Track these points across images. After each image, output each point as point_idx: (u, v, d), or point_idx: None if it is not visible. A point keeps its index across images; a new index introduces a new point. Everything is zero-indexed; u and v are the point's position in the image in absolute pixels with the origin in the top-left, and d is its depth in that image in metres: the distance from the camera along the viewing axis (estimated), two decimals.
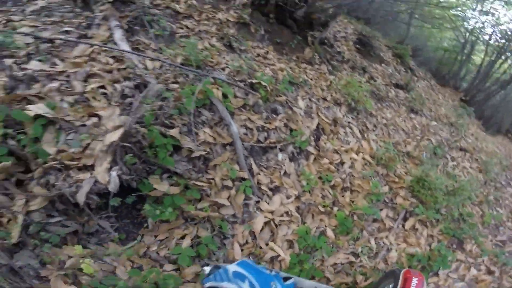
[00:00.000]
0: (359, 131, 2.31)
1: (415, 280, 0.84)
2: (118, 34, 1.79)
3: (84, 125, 1.23)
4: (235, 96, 1.82)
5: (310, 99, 2.31)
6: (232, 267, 0.59)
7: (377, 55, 4.12)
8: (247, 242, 1.40)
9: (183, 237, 1.26)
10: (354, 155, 2.05)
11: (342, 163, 1.98)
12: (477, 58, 6.83)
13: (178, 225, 1.31)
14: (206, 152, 1.50)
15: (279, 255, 1.41)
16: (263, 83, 1.86)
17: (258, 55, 2.33)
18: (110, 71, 1.55)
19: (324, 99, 2.40)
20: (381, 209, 1.93)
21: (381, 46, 4.70)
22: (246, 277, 0.57)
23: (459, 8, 6.23)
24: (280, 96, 2.03)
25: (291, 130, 1.93)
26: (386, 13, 5.65)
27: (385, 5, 5.39)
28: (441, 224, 2.04)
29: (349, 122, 2.31)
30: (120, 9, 2.06)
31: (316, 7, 2.85)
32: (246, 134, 1.75)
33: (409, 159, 2.34)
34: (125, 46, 1.71)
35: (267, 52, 2.43)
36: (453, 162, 2.83)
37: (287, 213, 1.61)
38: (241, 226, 1.43)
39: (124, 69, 1.60)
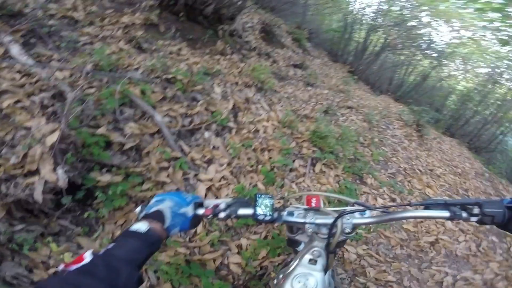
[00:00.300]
0: (267, 105, 2.85)
1: (313, 200, 1.01)
2: (15, 49, 1.82)
3: (13, 139, 1.34)
4: (153, 92, 2.07)
5: (225, 85, 2.72)
6: (155, 197, 0.70)
7: (278, 41, 4.80)
8: None
9: None
10: (265, 123, 2.56)
11: (257, 131, 2.47)
12: (358, 35, 8.40)
13: (131, 209, 1.51)
14: (136, 143, 1.72)
15: None
16: (178, 77, 2.16)
17: (171, 52, 2.59)
18: (22, 86, 1.62)
19: (236, 83, 2.85)
20: (293, 160, 2.49)
21: (282, 32, 5.44)
22: (165, 199, 0.68)
23: None
24: (197, 86, 2.36)
25: (212, 112, 2.30)
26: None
27: None
28: (341, 165, 2.74)
29: (258, 99, 2.82)
30: (10, 24, 2.02)
31: (223, 2, 3.21)
32: (171, 121, 2.03)
33: (307, 119, 3.01)
34: (27, 60, 1.76)
35: (180, 49, 2.71)
36: (342, 117, 3.69)
37: (223, 177, 1.99)
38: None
39: (36, 82, 1.68)
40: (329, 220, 0.68)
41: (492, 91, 8.31)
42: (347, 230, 0.69)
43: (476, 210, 0.59)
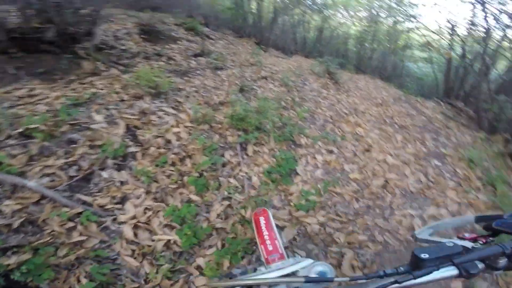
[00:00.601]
0: (172, 108, 2.53)
1: (262, 220, 0.88)
2: None
3: None
4: (13, 156, 1.61)
5: (107, 108, 2.26)
6: None
7: (168, 36, 4.37)
8: (133, 252, 1.47)
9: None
10: (175, 129, 2.26)
11: (168, 141, 2.16)
12: (251, 6, 8.33)
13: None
14: (24, 218, 1.39)
15: (169, 240, 1.57)
16: (33, 126, 1.70)
17: (20, 97, 2.04)
18: None
19: (122, 100, 2.41)
20: (222, 154, 2.27)
21: (171, 26, 4.98)
22: None
23: None
24: (66, 124, 1.91)
25: (100, 146, 1.89)
26: None
27: None
28: (271, 137, 2.62)
29: (158, 107, 2.47)
30: None
31: (67, 21, 2.66)
32: (52, 180, 1.61)
33: (223, 106, 2.80)
34: None
35: (32, 89, 2.16)
36: (260, 89, 3.58)
37: (147, 208, 1.70)
38: (117, 243, 1.47)
39: None
40: None
41: (377, 29, 9.35)
42: None
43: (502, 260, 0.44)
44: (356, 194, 2.28)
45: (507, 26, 5.38)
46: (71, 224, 1.46)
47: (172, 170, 1.98)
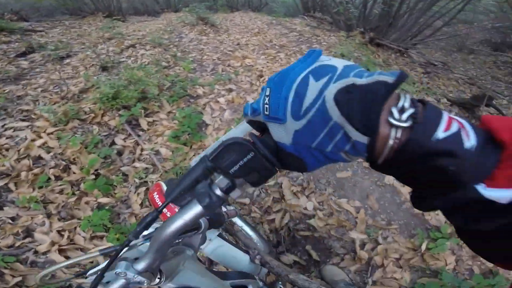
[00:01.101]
0: (21, 120, 1.92)
1: (155, 195, 0.80)
2: None
3: None
4: None
5: None
6: None
7: None
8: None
9: None
10: (39, 141, 1.77)
11: (38, 157, 1.68)
12: None
13: None
14: None
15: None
16: None
17: None
18: None
19: None
20: (110, 144, 1.88)
21: None
22: None
23: None
24: None
25: None
26: None
27: None
28: (163, 100, 2.29)
29: (2, 126, 1.86)
30: None
31: None
32: None
33: (87, 93, 2.28)
34: None
35: None
36: (130, 59, 3.06)
37: (60, 231, 1.40)
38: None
39: None
40: None
41: None
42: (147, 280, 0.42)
43: (221, 179, 0.35)
44: None
45: None
46: None
47: (61, 185, 1.58)
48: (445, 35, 6.28)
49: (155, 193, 0.75)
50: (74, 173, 1.66)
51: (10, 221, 1.44)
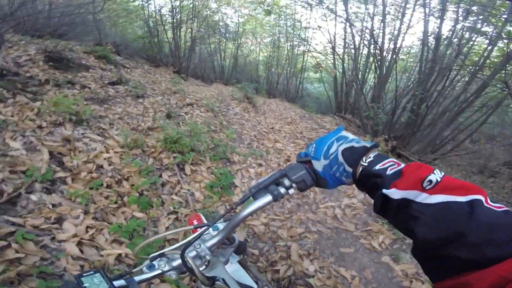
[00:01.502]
0: (98, 134, 2.42)
1: (195, 222, 0.96)
2: None
3: None
4: None
5: (23, 136, 2.05)
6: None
7: (79, 64, 4.06)
8: (82, 268, 1.42)
9: None
10: (106, 155, 2.18)
11: (100, 166, 2.07)
12: (166, 35, 8.49)
13: None
14: None
15: (120, 254, 1.53)
16: None
17: None
18: None
19: (40, 127, 2.21)
20: (159, 175, 2.29)
21: (80, 54, 4.62)
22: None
23: None
24: None
25: (23, 172, 1.74)
26: (72, 19, 5.30)
27: (66, 13, 5.00)
28: (206, 157, 2.78)
29: (82, 134, 2.33)
30: None
31: None
32: None
33: (153, 131, 2.83)
34: None
35: None
36: (187, 115, 3.74)
37: (89, 227, 1.64)
38: (61, 259, 1.40)
39: None
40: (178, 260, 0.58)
41: (279, 54, 10.69)
42: (208, 257, 0.59)
43: (286, 181, 0.57)
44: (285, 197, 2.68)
45: (371, 43, 6.60)
46: (3, 243, 1.34)
47: (109, 192, 1.92)
48: (466, 151, 6.03)
49: (195, 220, 1.02)
50: (123, 187, 2.02)
51: (50, 207, 1.65)
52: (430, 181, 0.39)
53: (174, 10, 7.63)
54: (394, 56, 6.16)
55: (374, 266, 2.07)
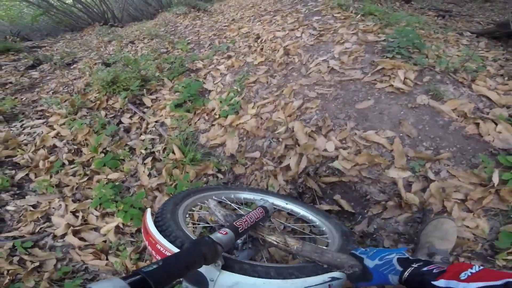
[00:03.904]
0: (37, 119, 2.02)
1: (149, 211, 0.87)
2: None
3: None
4: None
5: None
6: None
7: None
8: (95, 254, 1.32)
9: None
10: (52, 133, 1.84)
11: (53, 146, 1.75)
12: None
13: None
14: None
15: (117, 225, 1.41)
16: None
17: None
18: None
19: None
20: (118, 122, 1.93)
21: None
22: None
23: None
24: None
25: None
26: None
27: None
28: (165, 79, 2.31)
29: (21, 126, 1.96)
30: None
31: None
32: None
33: (91, 86, 2.34)
34: None
35: None
36: (131, 53, 3.12)
37: (74, 212, 1.48)
38: (72, 254, 1.21)
39: None
40: None
41: None
42: None
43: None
44: (268, 73, 2.20)
45: None
46: (16, 258, 1.30)
47: (74, 167, 1.64)
48: None
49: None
50: (84, 154, 1.72)
51: (32, 208, 1.50)
52: (466, 273, 0.51)
53: None
54: None
55: (411, 115, 1.46)
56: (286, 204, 1.18)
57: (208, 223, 1.19)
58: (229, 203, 1.11)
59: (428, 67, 1.71)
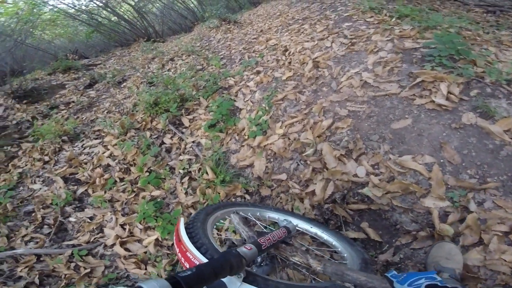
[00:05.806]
0: (95, 139, 2.37)
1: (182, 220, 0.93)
2: None
3: None
4: None
5: (39, 176, 2.23)
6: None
7: (51, 87, 3.94)
8: (137, 264, 1.53)
9: None
10: (107, 153, 2.16)
11: (107, 165, 2.07)
12: None
13: None
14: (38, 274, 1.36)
15: (156, 239, 1.59)
16: None
17: None
18: None
19: (45, 162, 2.30)
20: (161, 143, 2.17)
21: (45, 78, 4.50)
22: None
23: None
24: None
25: (52, 203, 1.90)
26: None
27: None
28: (200, 98, 2.51)
29: (82, 146, 2.33)
30: None
31: None
32: (37, 242, 1.53)
33: (138, 106, 2.65)
34: None
35: None
36: (171, 71, 3.41)
37: (122, 225, 1.73)
38: (118, 262, 1.54)
39: None
40: None
41: None
42: None
43: None
44: (297, 89, 2.19)
45: None
46: (72, 264, 1.54)
47: (123, 185, 1.91)
48: None
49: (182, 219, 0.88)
50: (133, 173, 1.98)
51: (89, 220, 1.79)
52: None
53: None
54: None
55: (455, 137, 1.31)
56: (311, 227, 1.23)
57: (230, 237, 1.29)
58: (254, 219, 1.18)
59: (476, 78, 1.52)
